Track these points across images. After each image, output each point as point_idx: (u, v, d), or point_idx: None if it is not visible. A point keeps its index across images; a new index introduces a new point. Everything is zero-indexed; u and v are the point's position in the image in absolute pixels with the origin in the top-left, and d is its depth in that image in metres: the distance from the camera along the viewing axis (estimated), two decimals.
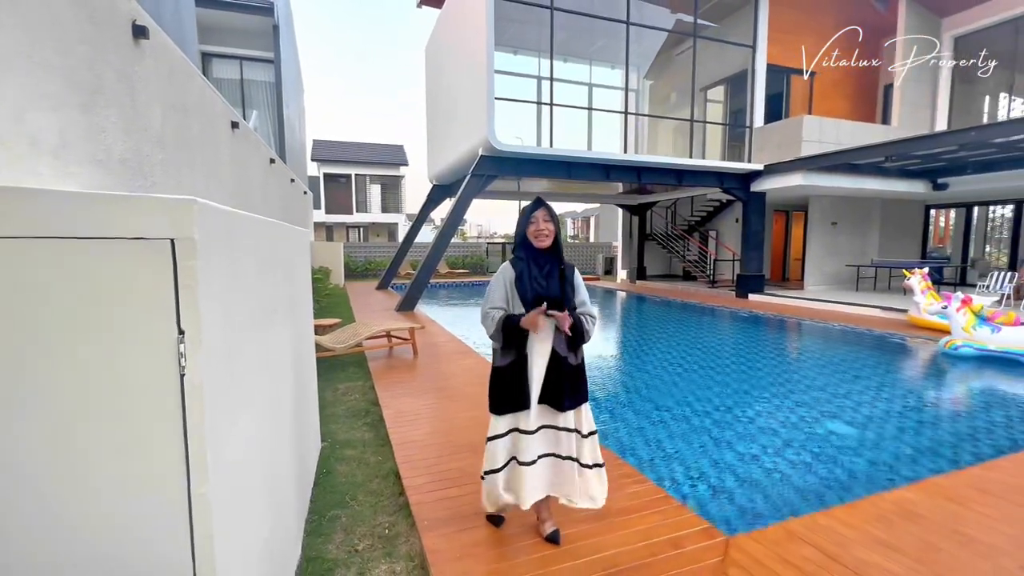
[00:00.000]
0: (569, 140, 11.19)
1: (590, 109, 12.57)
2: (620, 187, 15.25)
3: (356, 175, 29.16)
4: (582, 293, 2.29)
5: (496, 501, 2.29)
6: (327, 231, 29.60)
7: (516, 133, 11.32)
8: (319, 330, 6.42)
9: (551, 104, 10.45)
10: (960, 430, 4.14)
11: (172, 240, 0.95)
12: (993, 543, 2.25)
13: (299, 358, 2.68)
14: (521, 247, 2.27)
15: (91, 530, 0.96)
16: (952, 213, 13.92)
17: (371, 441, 3.66)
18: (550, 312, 2.08)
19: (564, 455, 2.22)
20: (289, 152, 10.84)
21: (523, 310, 2.16)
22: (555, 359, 2.18)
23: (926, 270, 8.46)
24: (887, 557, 2.15)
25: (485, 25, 9.37)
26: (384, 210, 30.32)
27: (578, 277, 2.33)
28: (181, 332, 0.98)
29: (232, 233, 1.24)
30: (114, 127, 2.64)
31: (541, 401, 2.18)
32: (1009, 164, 10.21)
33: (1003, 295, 9.70)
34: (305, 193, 12.60)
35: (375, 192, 30.10)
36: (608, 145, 11.85)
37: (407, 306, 10.26)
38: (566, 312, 2.10)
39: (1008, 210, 12.64)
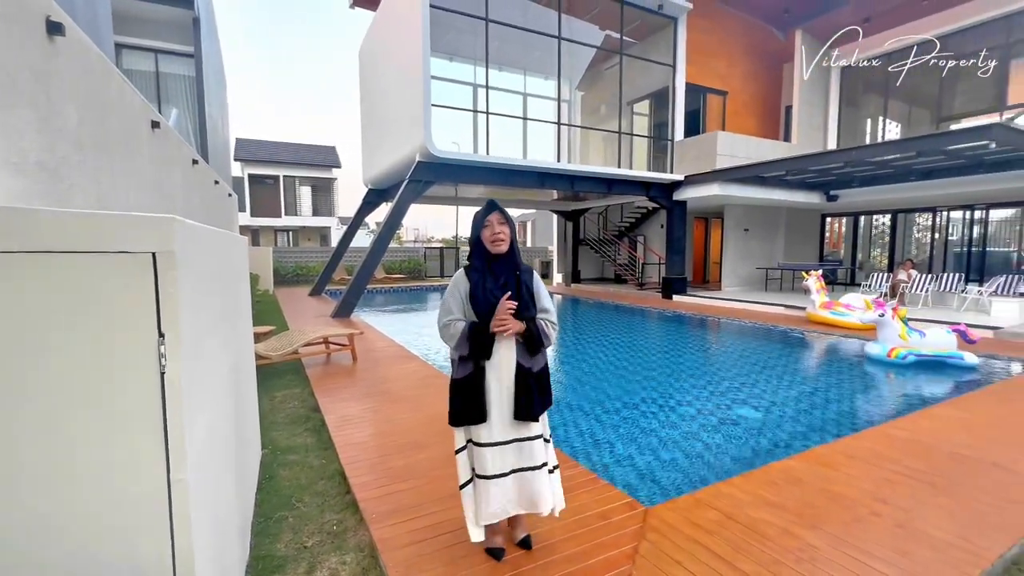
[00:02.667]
0: (505, 147, 11.50)
1: (525, 119, 12.99)
2: (555, 194, 15.85)
3: (285, 176, 27.91)
4: (543, 300, 2.18)
5: (472, 521, 2.17)
6: (253, 235, 28.07)
7: (453, 138, 11.47)
8: (254, 338, 6.23)
9: (487, 112, 10.72)
10: (843, 409, 4.83)
11: (154, 253, 1.06)
12: (853, 497, 2.75)
13: (241, 364, 2.71)
14: (475, 254, 2.16)
15: (79, 516, 1.04)
16: (843, 221, 15.74)
17: (313, 446, 3.69)
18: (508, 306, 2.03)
19: (539, 464, 2.16)
20: (212, 152, 10.30)
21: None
22: (520, 371, 2.10)
23: (820, 272, 9.60)
24: (773, 514, 2.56)
25: (421, 31, 9.48)
26: (316, 213, 29.25)
27: (538, 281, 2.22)
28: (161, 335, 1.09)
29: (197, 245, 1.35)
30: (29, 128, 2.55)
31: (516, 417, 2.09)
32: (886, 179, 11.80)
33: (881, 293, 11.16)
34: (230, 195, 12.00)
35: (306, 194, 28.96)
36: (543, 153, 12.30)
37: (344, 312, 10.09)
38: (501, 315, 2.03)
39: (887, 219, 14.51)
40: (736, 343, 8.37)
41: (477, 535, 2.19)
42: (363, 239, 33.36)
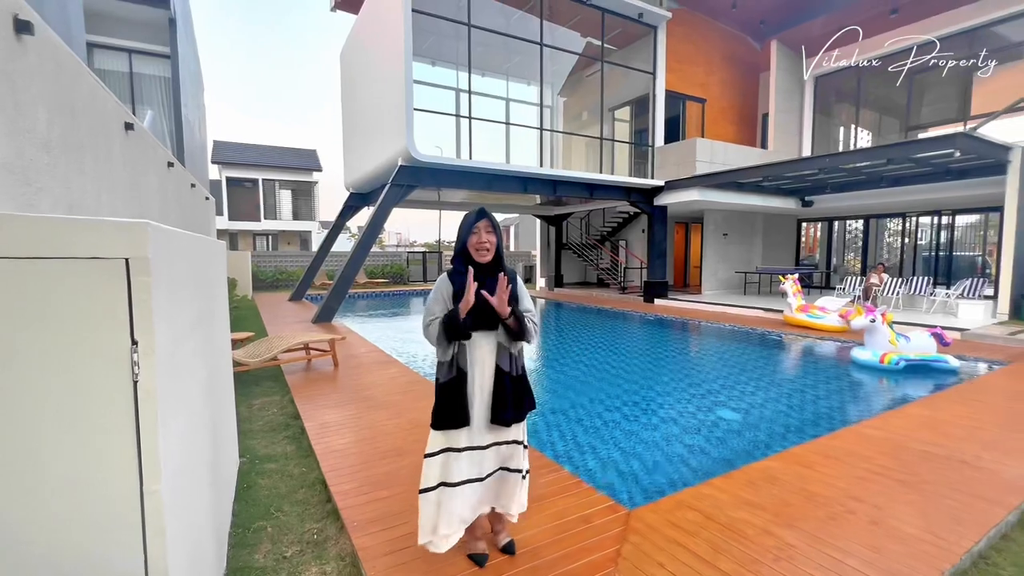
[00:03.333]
0: (488, 152, 11.53)
1: (508, 124, 13.05)
2: (537, 199, 15.93)
3: (264, 180, 27.47)
4: (525, 301, 2.20)
5: (431, 529, 2.13)
6: (231, 239, 27.54)
7: (436, 142, 11.46)
8: (231, 344, 6.10)
9: (469, 118, 10.75)
10: (820, 410, 4.94)
11: (127, 259, 1.04)
12: (828, 495, 2.81)
13: (217, 371, 2.66)
14: (460, 259, 2.17)
15: (46, 528, 1.01)
16: (818, 226, 16.14)
17: (293, 454, 3.63)
18: (483, 293, 2.02)
19: (513, 468, 2.20)
20: (189, 155, 10.11)
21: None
22: (499, 375, 2.12)
23: (796, 275, 9.83)
24: (751, 513, 2.61)
25: (403, 36, 9.46)
26: (296, 217, 28.84)
27: (520, 285, 2.22)
28: (134, 342, 1.07)
29: (172, 250, 1.32)
30: None
31: (493, 421, 2.11)
32: (858, 186, 12.17)
33: (855, 296, 11.47)
34: (207, 199, 11.77)
35: (286, 198, 28.54)
36: (525, 158, 12.37)
37: (325, 317, 9.95)
38: (500, 295, 2.00)
39: (860, 224, 14.93)
40: (716, 346, 8.50)
41: (426, 538, 2.15)
42: (345, 243, 33.01)
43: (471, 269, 2.05)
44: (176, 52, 9.49)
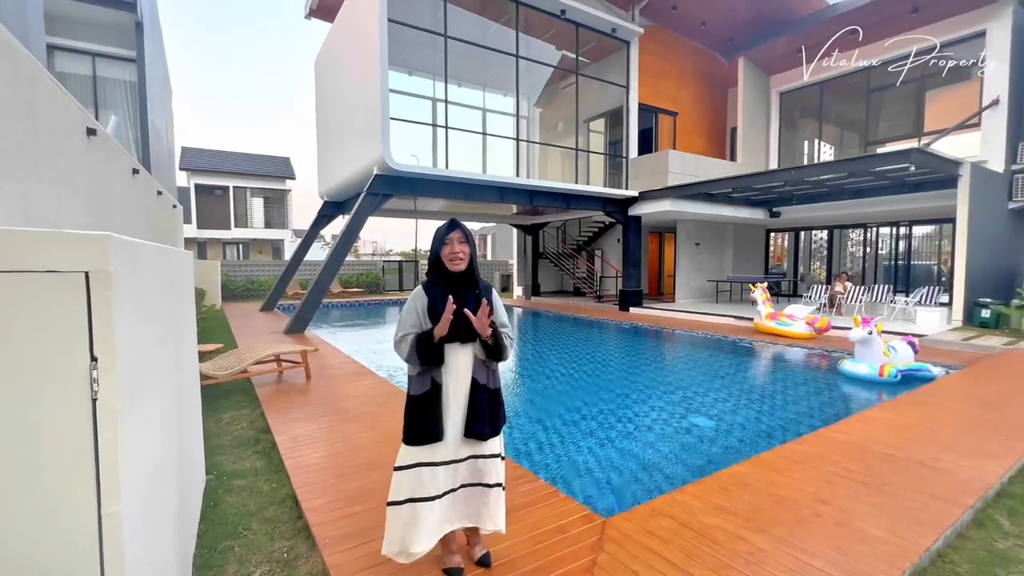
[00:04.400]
0: (465, 161, 11.55)
1: (484, 134, 13.11)
2: (514, 208, 16.01)
3: (235, 187, 26.87)
4: (501, 315, 2.19)
5: (399, 541, 2.09)
6: (199, 247, 26.77)
7: (412, 151, 11.41)
8: (199, 357, 5.91)
9: (446, 127, 10.76)
10: (788, 416, 5.07)
11: (87, 273, 1.00)
12: (797, 499, 2.89)
13: (183, 385, 2.58)
14: (434, 270, 2.18)
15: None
16: (786, 236, 16.68)
17: (263, 469, 3.53)
18: (465, 311, 2.02)
19: (489, 482, 2.17)
20: (155, 161, 9.82)
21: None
22: (476, 388, 2.11)
23: (766, 284, 10.12)
24: (723, 519, 2.66)
25: (379, 45, 9.44)
26: (268, 225, 28.25)
27: (496, 299, 2.22)
28: (94, 359, 1.03)
29: (137, 263, 1.28)
30: None
31: (467, 435, 2.10)
32: (822, 197, 12.65)
33: (821, 304, 11.87)
34: (174, 206, 11.43)
35: (258, 206, 27.96)
36: (502, 168, 12.43)
37: (297, 328, 9.75)
38: (482, 319, 2.02)
39: (825, 234, 15.49)
40: (690, 353, 8.66)
41: (392, 549, 2.12)
42: (319, 252, 32.45)
43: (451, 299, 2.02)
44: (143, 56, 9.25)
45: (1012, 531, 2.71)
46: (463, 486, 2.16)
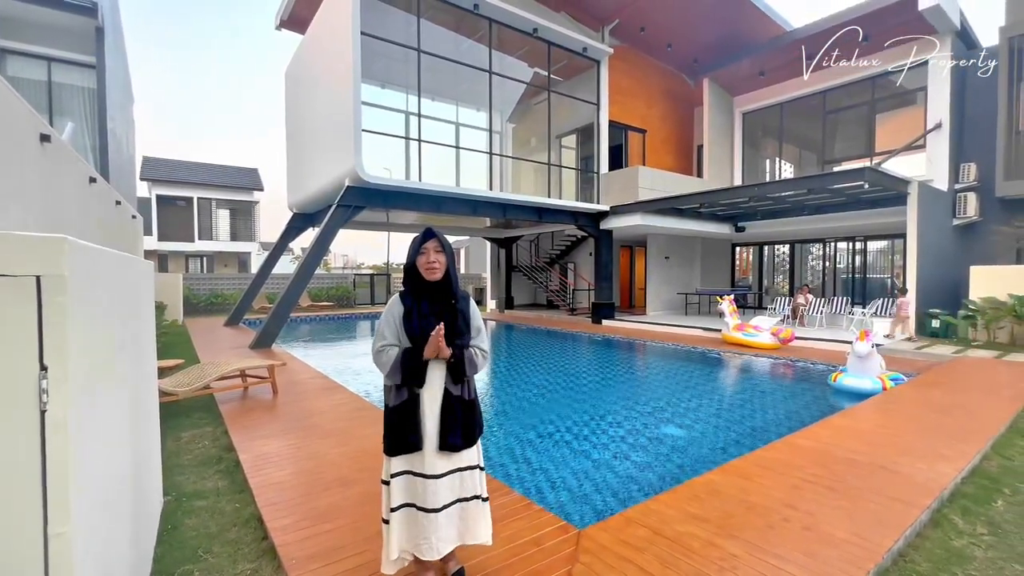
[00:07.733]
0: (438, 174, 11.54)
1: (457, 148, 13.17)
2: (488, 221, 16.06)
3: (200, 198, 26.07)
4: (476, 320, 2.19)
5: (393, 553, 2.08)
6: (160, 260, 25.77)
7: (385, 164, 11.34)
8: (158, 373, 5.65)
9: (419, 140, 10.76)
10: (756, 424, 5.19)
11: (38, 277, 0.95)
12: (766, 505, 2.95)
13: (141, 401, 2.45)
14: (410, 279, 2.16)
15: None
16: (751, 250, 17.24)
17: (226, 489, 3.38)
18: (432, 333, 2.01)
19: (470, 495, 2.15)
20: (114, 170, 9.45)
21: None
22: (447, 399, 2.09)
23: (732, 296, 10.42)
24: (697, 527, 2.68)
25: (352, 57, 9.41)
26: (234, 238, 27.46)
27: (473, 308, 2.21)
28: (44, 368, 0.97)
29: (94, 268, 1.22)
30: None
31: (441, 448, 2.06)
32: (784, 213, 13.19)
33: (784, 315, 12.28)
34: (134, 217, 10.99)
35: (223, 217, 27.17)
36: (475, 181, 12.48)
37: (264, 342, 9.45)
38: (437, 342, 2.01)
39: (787, 248, 16.09)
40: (661, 364, 8.79)
41: (390, 568, 2.10)
42: (288, 266, 31.68)
43: (441, 325, 2.01)
44: (103, 62, 8.96)
45: (966, 529, 2.83)
46: (452, 503, 2.11)
